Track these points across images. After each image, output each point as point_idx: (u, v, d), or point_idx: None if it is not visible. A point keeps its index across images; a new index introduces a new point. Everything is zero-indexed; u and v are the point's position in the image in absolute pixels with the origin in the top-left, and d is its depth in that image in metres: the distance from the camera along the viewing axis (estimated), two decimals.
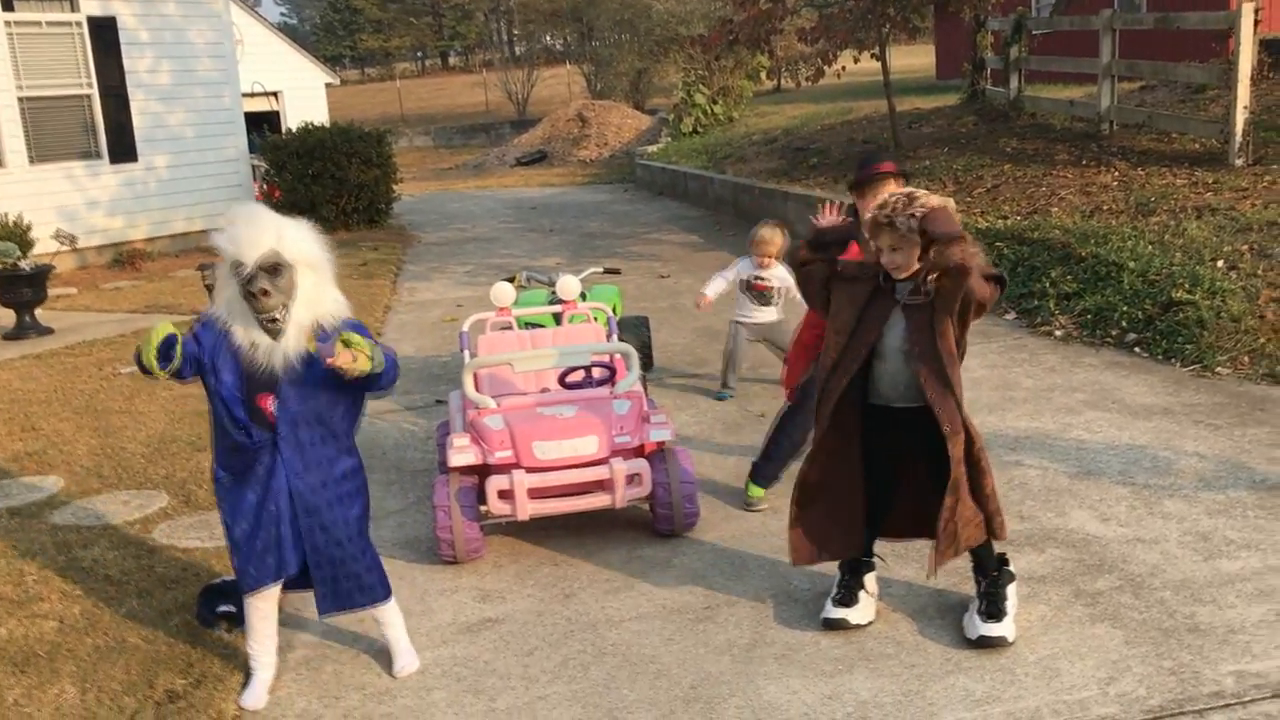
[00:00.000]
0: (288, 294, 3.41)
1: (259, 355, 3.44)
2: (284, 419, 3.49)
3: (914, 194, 3.62)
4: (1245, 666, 3.40)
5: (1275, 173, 8.94)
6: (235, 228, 3.39)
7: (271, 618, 3.72)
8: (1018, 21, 13.88)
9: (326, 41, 63.45)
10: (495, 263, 12.58)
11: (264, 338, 3.43)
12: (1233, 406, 5.75)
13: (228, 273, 3.43)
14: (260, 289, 3.34)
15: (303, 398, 3.50)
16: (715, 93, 22.38)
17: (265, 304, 3.37)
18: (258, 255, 3.35)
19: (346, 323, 3.53)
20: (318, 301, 3.49)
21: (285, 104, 27.78)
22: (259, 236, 3.37)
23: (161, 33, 14.24)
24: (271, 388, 3.48)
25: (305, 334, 3.47)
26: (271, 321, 3.40)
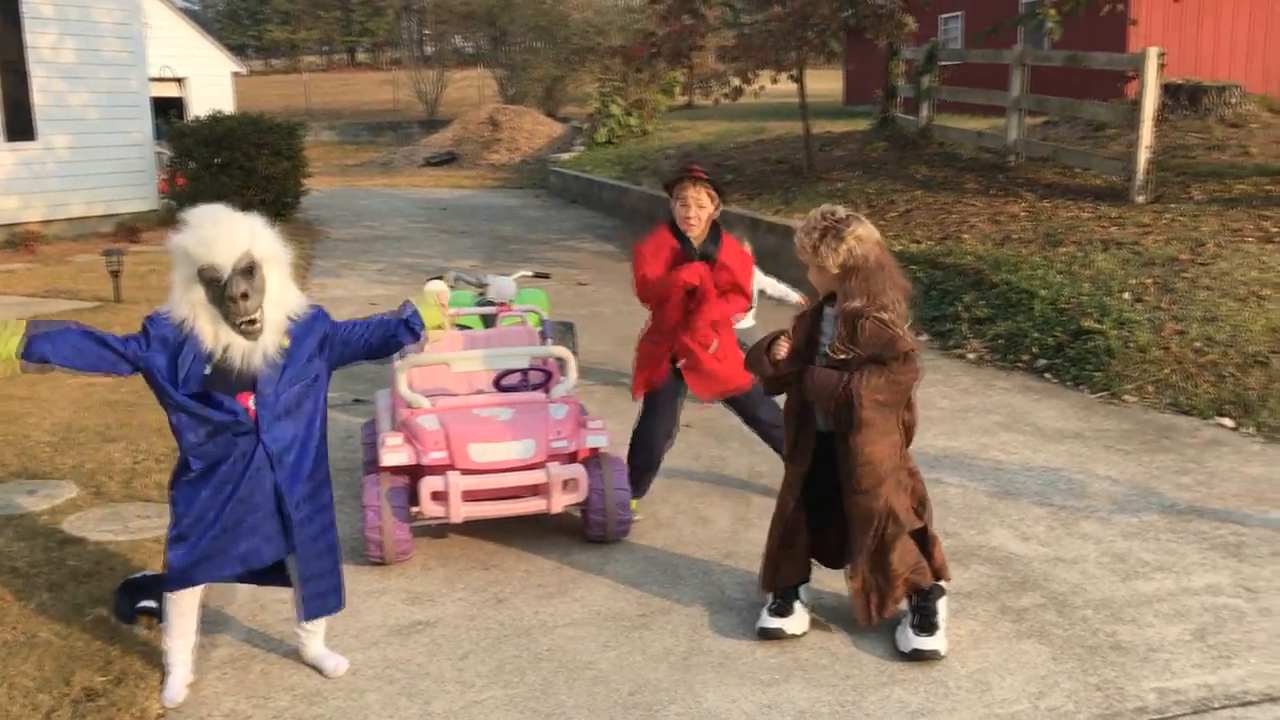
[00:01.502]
0: (262, 293, 3.34)
1: (234, 357, 3.33)
2: (265, 415, 3.41)
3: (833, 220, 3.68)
4: (1166, 684, 3.53)
5: (1174, 211, 9.31)
6: (203, 230, 3.28)
7: (192, 615, 3.61)
8: (930, 51, 14.23)
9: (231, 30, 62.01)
10: (408, 262, 12.43)
11: (238, 339, 3.33)
12: (1140, 433, 5.97)
13: (190, 276, 3.32)
14: (241, 292, 3.26)
15: (280, 393, 3.44)
16: (630, 104, 22.47)
17: (245, 307, 3.28)
18: (233, 258, 3.26)
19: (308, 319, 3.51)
20: (284, 298, 3.44)
21: (190, 91, 27.08)
22: (233, 239, 3.27)
23: (66, 9, 13.78)
24: (245, 386, 3.39)
25: (280, 331, 3.40)
26: (251, 323, 3.32)
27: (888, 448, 3.70)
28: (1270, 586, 4.18)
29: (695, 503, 5.18)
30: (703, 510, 5.09)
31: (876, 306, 3.63)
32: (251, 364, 3.36)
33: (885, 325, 3.61)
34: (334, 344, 3.60)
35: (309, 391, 3.53)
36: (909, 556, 3.74)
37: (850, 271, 3.67)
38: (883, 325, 3.60)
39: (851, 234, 3.65)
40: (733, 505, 5.14)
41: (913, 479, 3.84)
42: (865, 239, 3.66)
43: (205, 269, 3.28)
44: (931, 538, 3.84)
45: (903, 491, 3.77)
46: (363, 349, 3.68)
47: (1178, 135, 12.05)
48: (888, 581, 3.74)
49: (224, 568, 3.46)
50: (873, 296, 3.63)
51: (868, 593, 3.77)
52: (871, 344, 3.61)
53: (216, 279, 3.27)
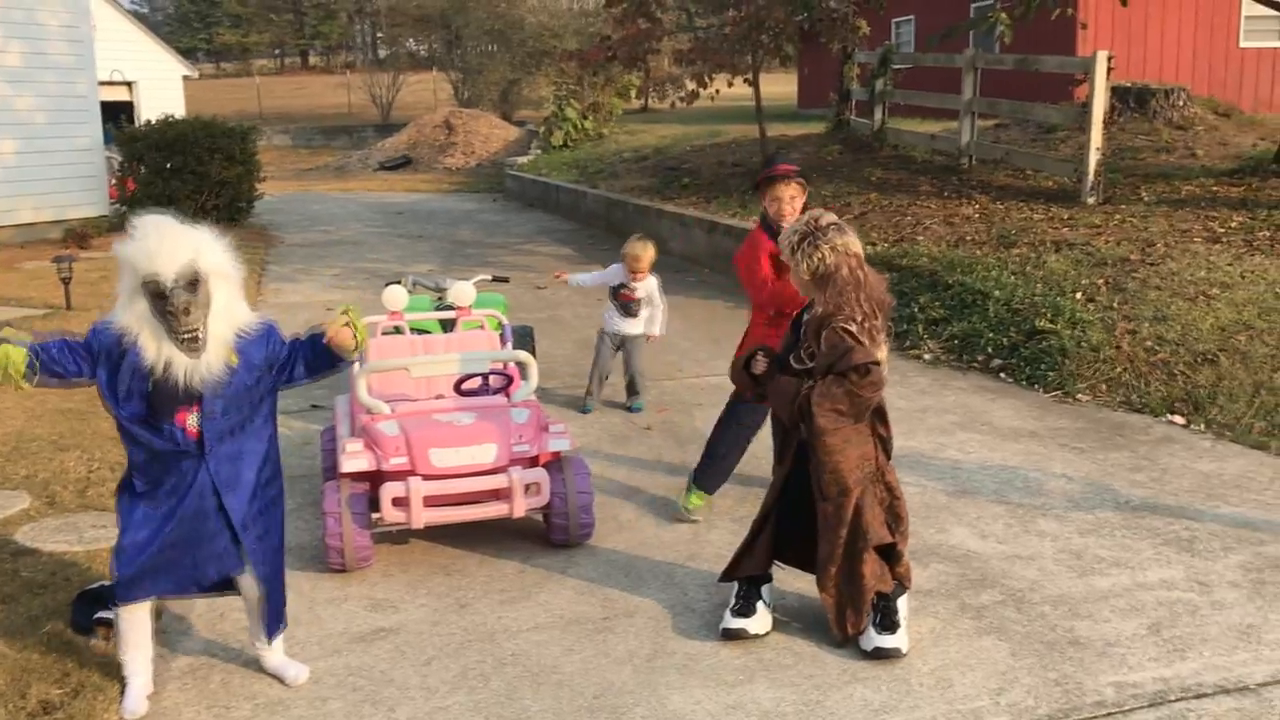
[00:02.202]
0: (206, 308, 3.27)
1: (175, 373, 3.26)
2: (211, 434, 3.36)
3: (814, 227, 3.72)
4: (1123, 678, 3.58)
5: (1124, 211, 9.46)
6: (147, 240, 3.22)
7: (146, 627, 3.56)
8: (884, 55, 14.36)
9: (181, 33, 61.26)
10: (364, 267, 12.36)
11: (179, 355, 3.26)
12: (1094, 431, 6.06)
13: (134, 287, 3.26)
14: (183, 305, 3.20)
15: (226, 410, 3.38)
16: (586, 108, 22.47)
17: (187, 321, 3.22)
18: (176, 269, 3.20)
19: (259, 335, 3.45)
20: (232, 313, 3.37)
21: (140, 95, 26.73)
22: (176, 250, 3.21)
23: (10, 11, 13.54)
24: (189, 402, 3.33)
25: (225, 347, 3.35)
26: (193, 339, 3.25)
27: (855, 459, 3.73)
28: (1222, 580, 4.26)
29: (658, 505, 5.19)
30: (665, 512, 5.10)
31: (842, 317, 3.66)
32: (193, 381, 3.29)
33: (844, 336, 3.63)
34: (287, 360, 3.52)
35: (258, 409, 3.48)
36: (877, 569, 3.78)
37: (822, 280, 3.70)
38: (841, 336, 3.63)
39: (828, 243, 3.69)
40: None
41: (891, 494, 3.86)
42: (842, 250, 3.70)
43: (148, 280, 3.21)
44: (900, 553, 3.87)
45: (877, 505, 3.79)
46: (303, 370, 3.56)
47: (1126, 137, 12.25)
48: (859, 595, 3.77)
49: (170, 584, 3.42)
50: (838, 307, 3.67)
51: (842, 609, 3.80)
52: (829, 354, 3.64)
53: (159, 291, 3.21)
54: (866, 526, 3.74)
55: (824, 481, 3.72)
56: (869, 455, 3.78)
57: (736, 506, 5.08)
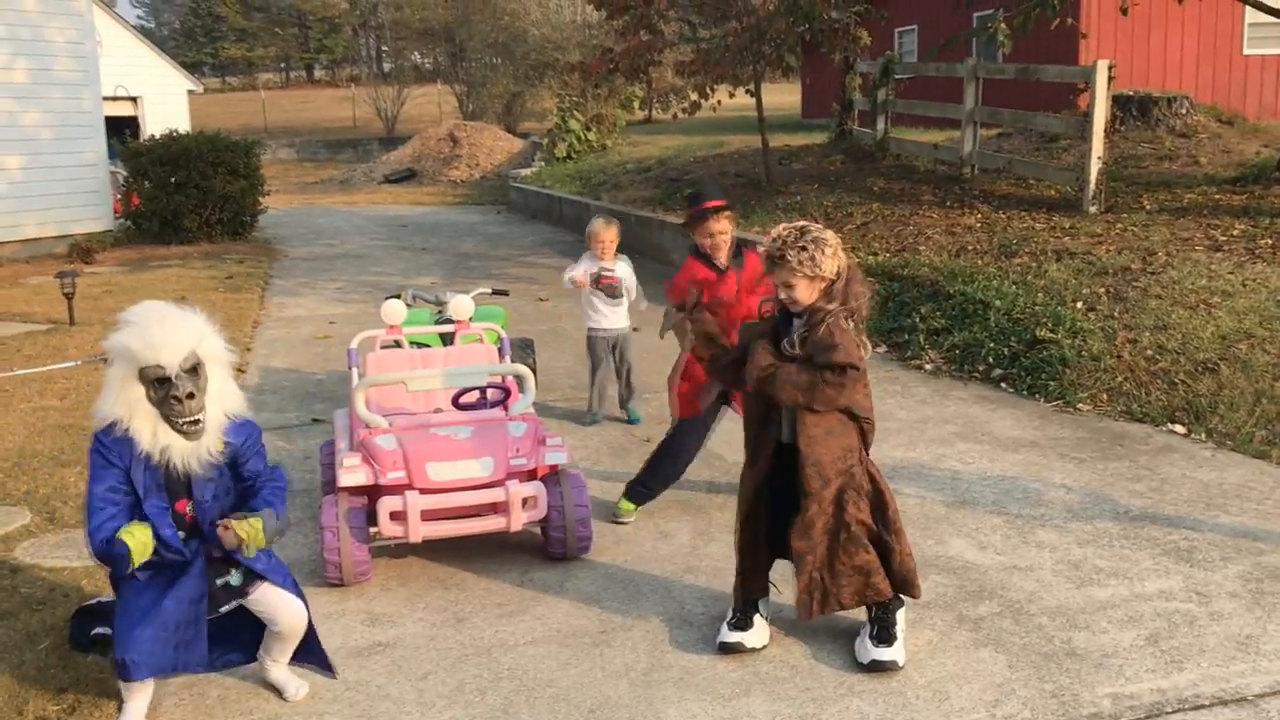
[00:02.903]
0: (204, 393, 3.32)
1: (173, 458, 3.29)
2: (201, 517, 3.39)
3: (806, 228, 3.73)
4: (1120, 689, 3.57)
5: (1126, 220, 9.45)
6: (148, 331, 3.24)
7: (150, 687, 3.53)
8: (886, 65, 14.38)
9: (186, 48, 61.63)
10: (368, 280, 12.39)
11: (178, 440, 3.29)
12: (1094, 441, 6.05)
13: (129, 375, 3.27)
14: (186, 392, 3.23)
15: (218, 496, 3.42)
16: (590, 120, 22.52)
17: (191, 407, 3.26)
18: (179, 359, 3.24)
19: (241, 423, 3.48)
20: (225, 396, 3.41)
21: (145, 109, 26.86)
22: (180, 339, 3.25)
23: (17, 28, 13.64)
24: (185, 492, 3.37)
25: (219, 431, 3.39)
26: (194, 424, 3.28)
27: (837, 449, 3.72)
28: (1221, 591, 4.25)
29: (656, 518, 5.19)
30: (663, 525, 5.10)
31: (846, 310, 3.68)
32: (190, 465, 3.32)
33: (837, 333, 3.63)
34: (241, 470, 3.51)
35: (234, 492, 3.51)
36: (860, 561, 3.75)
37: (838, 278, 3.71)
38: (834, 332, 3.63)
39: (834, 241, 3.70)
40: (693, 520, 5.16)
41: (875, 485, 3.84)
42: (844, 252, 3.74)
43: (149, 369, 3.24)
44: (891, 548, 3.85)
45: (861, 498, 3.78)
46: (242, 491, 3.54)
47: (1129, 146, 12.25)
48: (833, 580, 3.74)
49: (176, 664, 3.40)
50: (846, 299, 3.68)
51: (811, 591, 3.75)
52: (818, 344, 3.63)
53: (161, 378, 3.23)
54: (850, 519, 3.72)
55: (806, 476, 3.68)
56: (852, 447, 3.76)
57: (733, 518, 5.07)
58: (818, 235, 3.69)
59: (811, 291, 3.71)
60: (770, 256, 3.72)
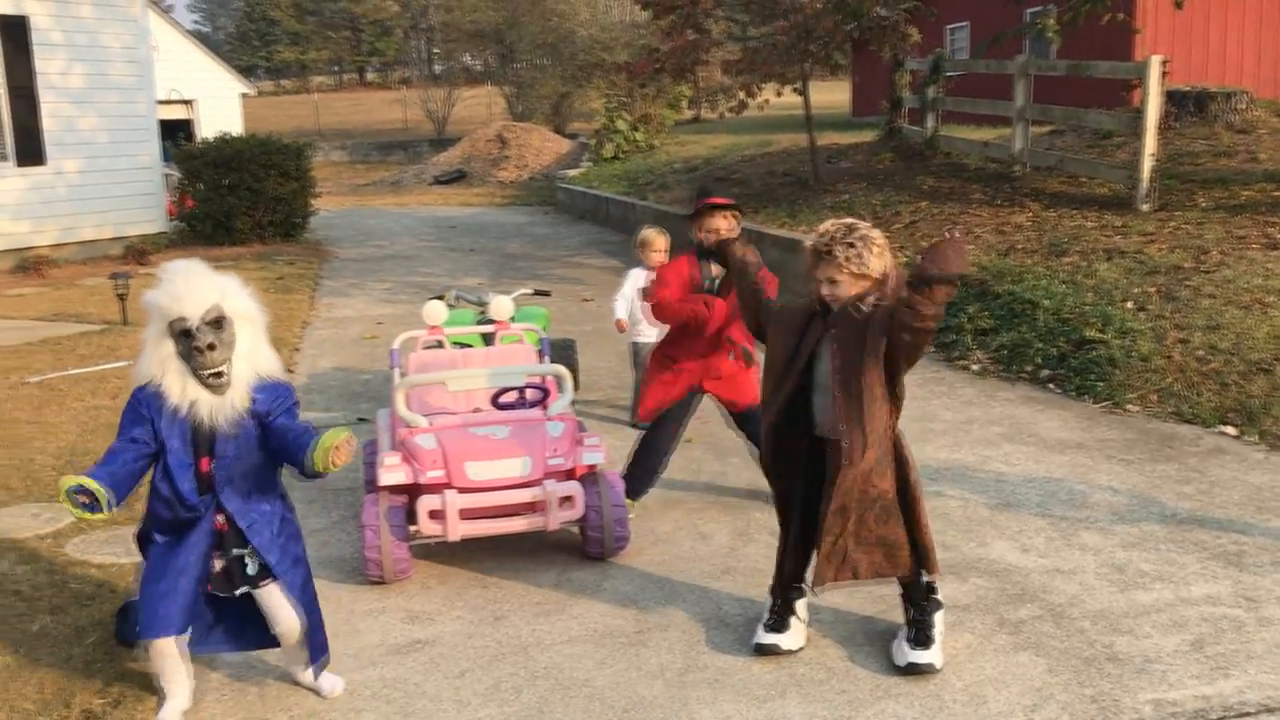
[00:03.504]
0: (230, 347, 3.37)
1: (200, 412, 3.36)
2: (221, 478, 3.44)
3: (854, 224, 3.70)
4: (1163, 695, 3.51)
5: (1179, 218, 9.29)
6: (174, 284, 3.33)
7: (175, 656, 3.56)
8: (935, 62, 14.24)
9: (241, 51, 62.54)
10: (415, 281, 12.49)
11: (204, 394, 3.35)
12: (1143, 443, 5.95)
13: (161, 331, 3.35)
14: (207, 343, 3.29)
15: (239, 455, 3.46)
16: (637, 120, 22.55)
17: (212, 358, 3.31)
18: (202, 310, 3.30)
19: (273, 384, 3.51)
20: (255, 356, 3.46)
21: (199, 112, 27.29)
22: (203, 291, 3.32)
23: (75, 35, 13.91)
24: (208, 449, 3.42)
25: (246, 389, 3.43)
26: (217, 376, 3.34)
27: (885, 415, 3.67)
28: (1270, 596, 4.16)
29: (695, 519, 5.18)
30: (702, 526, 5.09)
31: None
32: (217, 420, 3.38)
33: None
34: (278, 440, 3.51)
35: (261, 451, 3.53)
36: (887, 532, 3.69)
37: (884, 278, 3.68)
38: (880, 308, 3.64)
39: (881, 240, 3.67)
40: (732, 521, 5.14)
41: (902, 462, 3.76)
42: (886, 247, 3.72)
43: (175, 321, 3.31)
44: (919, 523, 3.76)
45: (888, 471, 3.73)
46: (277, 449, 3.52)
47: (1184, 142, 12.03)
48: (856, 546, 3.67)
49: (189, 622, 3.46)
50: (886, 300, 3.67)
51: (831, 558, 3.68)
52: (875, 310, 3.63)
53: (185, 330, 3.30)
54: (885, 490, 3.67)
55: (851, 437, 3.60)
56: (890, 412, 3.70)
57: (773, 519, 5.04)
58: (866, 233, 3.66)
59: (855, 290, 3.68)
60: (817, 251, 3.68)
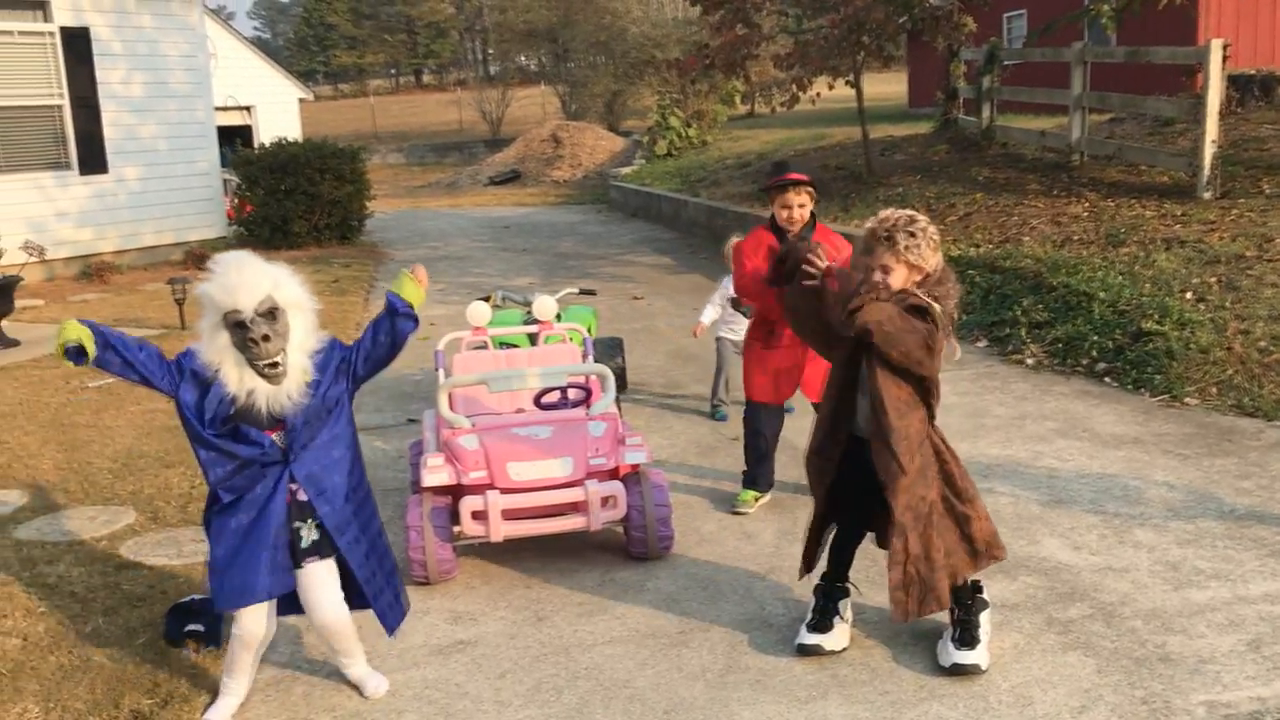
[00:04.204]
0: (285, 338, 3.42)
1: (258, 401, 3.42)
2: (294, 442, 3.50)
3: (915, 216, 3.65)
4: (1216, 696, 3.42)
5: (1242, 206, 9.06)
6: (227, 276, 3.37)
7: (254, 647, 3.63)
8: (990, 52, 14.03)
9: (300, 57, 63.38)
10: (468, 281, 12.56)
11: (261, 383, 3.41)
12: (1201, 437, 5.81)
13: (216, 322, 3.41)
14: (262, 334, 3.34)
15: (307, 422, 3.51)
16: (690, 116, 22.49)
17: (267, 349, 3.36)
18: (255, 301, 3.35)
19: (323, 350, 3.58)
20: (308, 344, 3.51)
21: (258, 118, 27.69)
22: (256, 283, 3.36)
23: (135, 44, 14.15)
24: (272, 426, 3.48)
25: (302, 375, 3.48)
26: (273, 366, 3.40)
27: (917, 422, 3.63)
28: None
29: (741, 517, 5.15)
30: (748, 525, 5.05)
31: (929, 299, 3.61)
32: (275, 408, 3.44)
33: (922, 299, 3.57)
34: (349, 365, 3.63)
35: (333, 419, 3.58)
36: (949, 542, 3.66)
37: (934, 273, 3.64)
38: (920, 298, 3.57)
39: (938, 236, 3.64)
40: (778, 520, 5.10)
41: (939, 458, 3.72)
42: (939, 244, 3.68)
43: (229, 313, 3.36)
44: (967, 516, 3.70)
45: (936, 472, 3.68)
46: (372, 351, 3.64)
47: (1249, 127, 11.74)
48: (931, 572, 3.62)
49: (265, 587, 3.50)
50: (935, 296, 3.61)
51: (908, 588, 3.63)
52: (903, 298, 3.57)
53: (240, 322, 3.35)
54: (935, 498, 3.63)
55: (898, 451, 3.57)
56: (924, 418, 3.66)
57: None
58: (925, 225, 3.62)
59: (906, 281, 3.63)
60: (877, 236, 3.62)
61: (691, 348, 8.30)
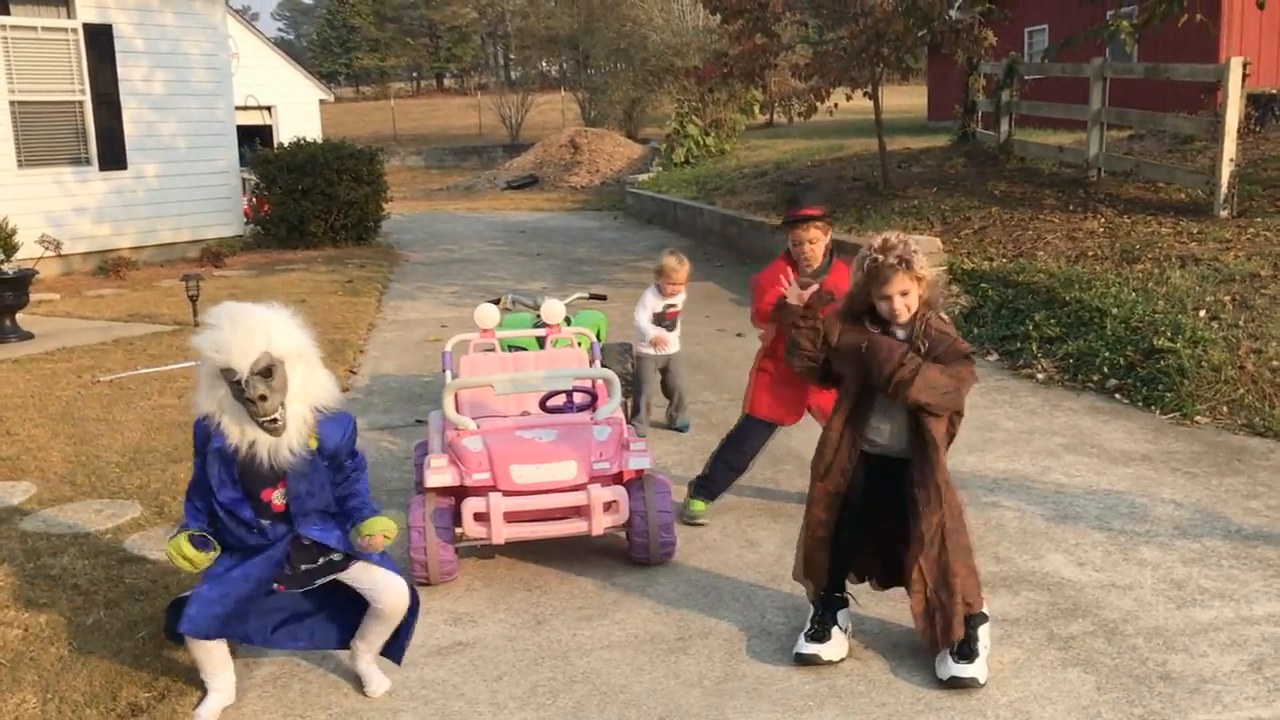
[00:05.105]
0: (283, 392, 3.38)
1: (260, 453, 3.40)
2: (297, 509, 3.50)
3: (903, 237, 3.67)
4: (1216, 716, 3.39)
5: (1259, 225, 9.01)
6: (220, 333, 3.33)
7: (217, 651, 3.63)
8: (1010, 66, 14.00)
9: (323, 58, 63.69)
10: (482, 284, 12.58)
11: (263, 435, 3.39)
12: (1210, 455, 5.77)
13: (213, 374, 3.39)
14: (258, 394, 3.30)
15: (310, 483, 3.50)
16: (708, 124, 22.49)
17: (265, 408, 3.33)
18: (249, 361, 3.31)
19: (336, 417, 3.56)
20: (310, 390, 3.48)
21: (278, 118, 27.81)
22: (249, 342, 3.31)
23: (158, 42, 14.25)
24: (273, 481, 3.47)
25: (305, 425, 3.46)
26: (273, 423, 3.38)
27: (939, 456, 3.66)
28: None
29: (744, 525, 5.14)
30: (751, 533, 5.04)
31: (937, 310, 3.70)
32: (276, 460, 3.42)
33: (942, 325, 3.66)
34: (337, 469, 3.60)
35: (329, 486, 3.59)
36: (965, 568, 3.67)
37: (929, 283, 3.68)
38: (945, 323, 3.68)
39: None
40: (782, 528, 5.08)
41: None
42: None
43: (225, 370, 3.34)
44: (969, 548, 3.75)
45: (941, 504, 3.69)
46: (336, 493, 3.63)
47: (1269, 146, 11.69)
48: (950, 596, 3.62)
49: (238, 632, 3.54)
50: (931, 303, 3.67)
51: (931, 614, 3.65)
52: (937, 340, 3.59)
53: (236, 380, 3.33)
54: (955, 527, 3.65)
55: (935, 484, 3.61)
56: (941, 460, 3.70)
57: None
58: (915, 242, 3.68)
59: (909, 297, 3.65)
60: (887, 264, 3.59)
61: (700, 355, 8.30)
